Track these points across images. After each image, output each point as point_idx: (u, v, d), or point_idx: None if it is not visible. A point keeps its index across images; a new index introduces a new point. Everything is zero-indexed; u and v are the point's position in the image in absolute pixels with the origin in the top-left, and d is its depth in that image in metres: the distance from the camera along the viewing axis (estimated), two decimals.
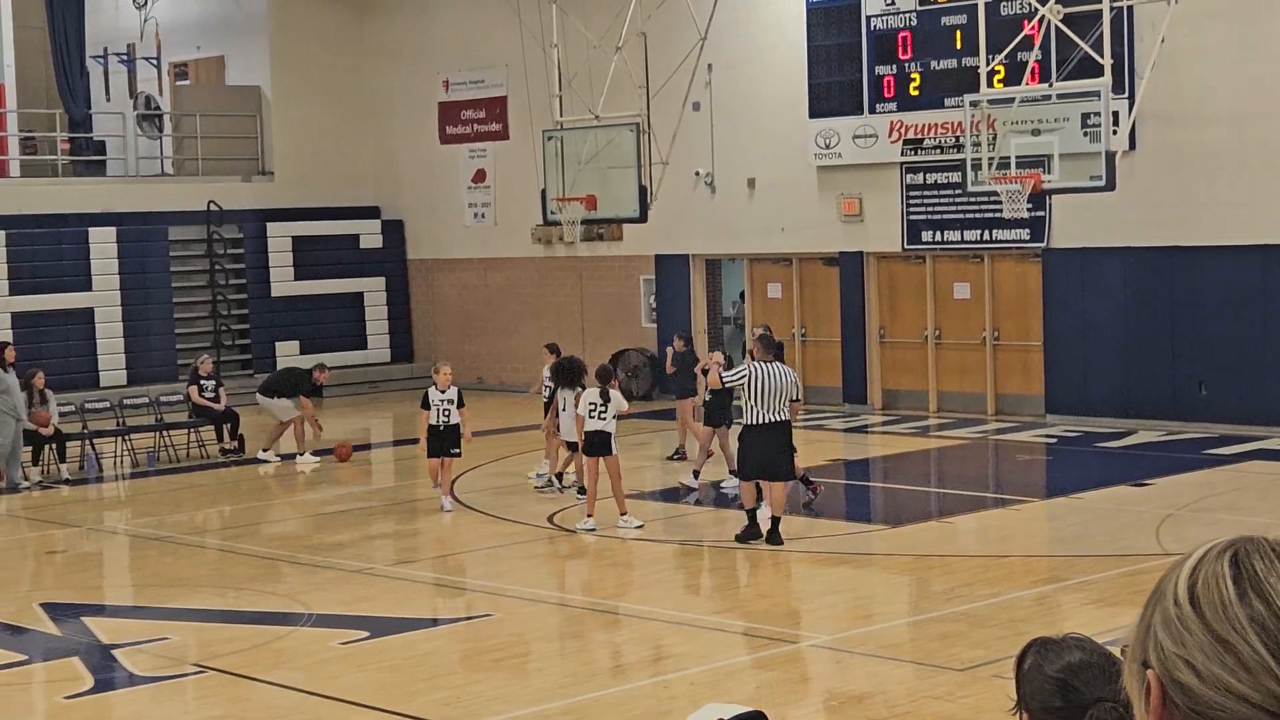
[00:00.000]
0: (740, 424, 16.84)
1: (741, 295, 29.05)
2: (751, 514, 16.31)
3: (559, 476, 19.55)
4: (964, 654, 11.89)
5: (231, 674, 12.08)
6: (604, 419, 17.10)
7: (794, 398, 16.26)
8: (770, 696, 11.31)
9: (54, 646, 13.19)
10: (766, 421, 16.01)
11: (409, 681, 11.75)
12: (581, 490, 18.54)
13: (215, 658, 12.56)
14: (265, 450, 22.94)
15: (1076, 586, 14.06)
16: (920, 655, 12.09)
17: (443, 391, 18.86)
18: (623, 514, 17.09)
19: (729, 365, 19.49)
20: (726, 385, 16.82)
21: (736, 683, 11.96)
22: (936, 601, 14.04)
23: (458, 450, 18.79)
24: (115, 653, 12.83)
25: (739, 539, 16.25)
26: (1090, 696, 3.06)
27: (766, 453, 16.07)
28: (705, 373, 19.13)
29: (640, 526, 17.01)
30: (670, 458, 21.77)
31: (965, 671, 11.43)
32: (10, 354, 21.80)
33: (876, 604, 14.27)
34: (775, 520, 16.11)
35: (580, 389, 18.16)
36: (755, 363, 16.21)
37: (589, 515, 17.02)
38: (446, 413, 18.78)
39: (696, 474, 19.43)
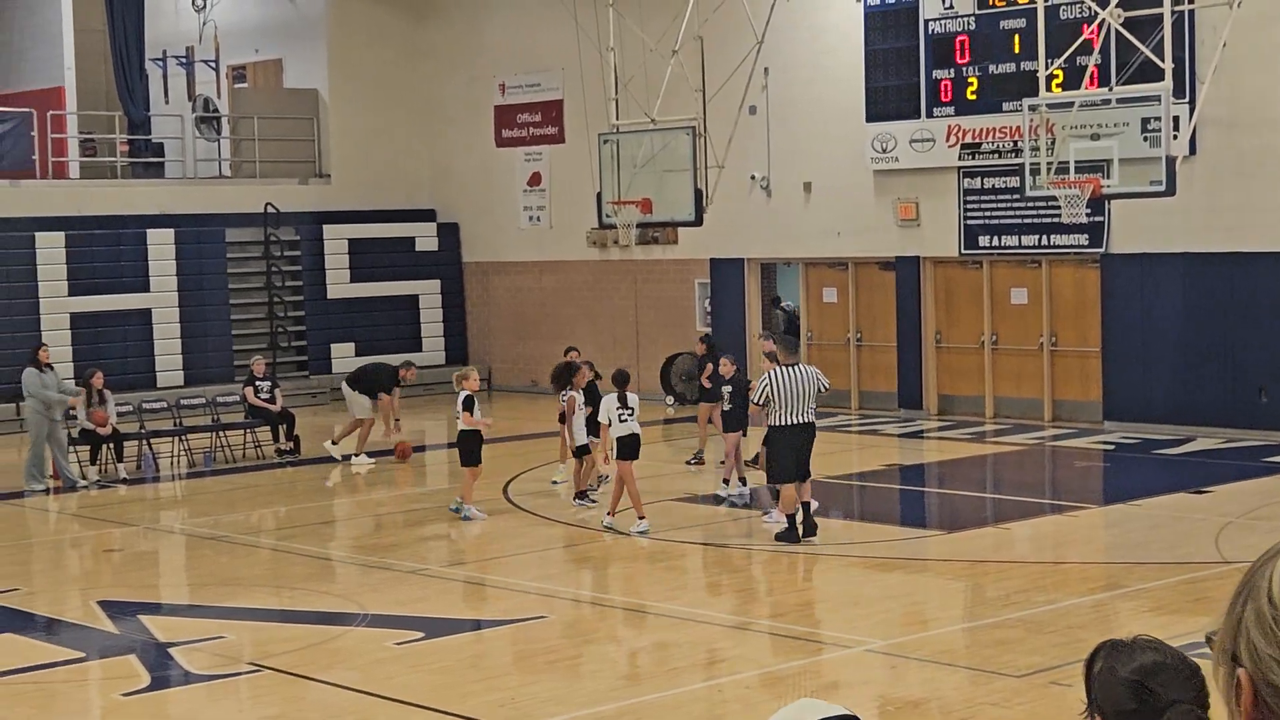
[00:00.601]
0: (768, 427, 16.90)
1: (776, 302, 29.02)
2: (791, 518, 16.48)
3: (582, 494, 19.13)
4: (1021, 660, 11.81)
5: (286, 673, 12.11)
6: (627, 422, 17.27)
7: (822, 391, 16.81)
8: (826, 700, 11.25)
9: (111, 644, 13.26)
10: (793, 423, 16.39)
11: (463, 682, 11.75)
12: (580, 496, 18.80)
13: (270, 657, 12.60)
14: (333, 442, 22.99)
15: (1134, 594, 13.94)
16: (976, 661, 12.01)
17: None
18: (609, 514, 17.31)
19: (737, 369, 19.73)
20: (760, 404, 16.68)
21: (790, 687, 11.91)
22: (993, 607, 13.94)
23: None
24: (172, 651, 12.89)
25: (779, 538, 16.47)
26: (1167, 699, 3.00)
27: (799, 454, 16.44)
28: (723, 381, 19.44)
29: (647, 530, 17.08)
30: (689, 462, 21.71)
31: (1022, 678, 11.35)
32: (44, 354, 21.91)
33: (932, 609, 14.19)
34: (805, 505, 16.42)
35: (567, 391, 18.62)
36: (777, 367, 16.48)
37: (640, 518, 17.01)
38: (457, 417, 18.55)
39: (727, 482, 19.35)
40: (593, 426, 18.49)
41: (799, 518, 16.39)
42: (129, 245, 29.44)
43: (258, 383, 24.00)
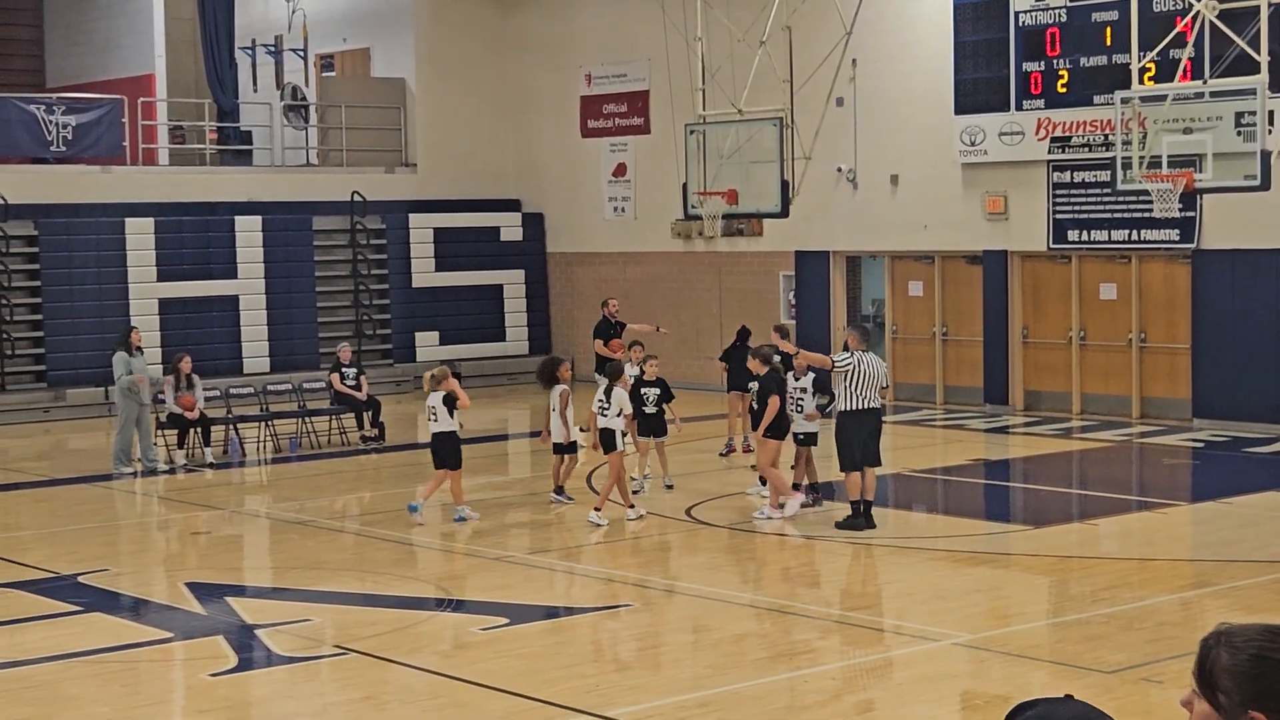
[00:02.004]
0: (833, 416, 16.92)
1: (856, 315, 28.85)
2: (855, 505, 16.67)
3: (559, 490, 18.63)
4: (1109, 657, 11.68)
5: (371, 656, 12.16)
6: (606, 415, 17.41)
7: (884, 385, 16.98)
8: (910, 693, 11.18)
9: (198, 625, 13.36)
10: (863, 408, 16.64)
11: (547, 669, 11.76)
12: (558, 490, 18.47)
13: (355, 640, 12.65)
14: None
15: (1224, 592, 13.76)
16: (1065, 657, 11.89)
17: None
18: (596, 508, 17.23)
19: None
20: (837, 367, 16.67)
21: (875, 679, 11.85)
22: (1080, 604, 13.81)
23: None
24: (258, 632, 12.97)
25: (840, 526, 16.64)
26: None
27: (865, 440, 16.70)
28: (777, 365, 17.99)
29: (604, 526, 16.99)
30: (723, 454, 21.62)
31: (1113, 674, 11.22)
32: (136, 337, 22.14)
33: (1017, 604, 14.07)
34: (869, 504, 16.65)
35: (557, 386, 18.26)
36: (855, 353, 16.70)
37: (630, 505, 17.37)
38: (434, 414, 17.75)
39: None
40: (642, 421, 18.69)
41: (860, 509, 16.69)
42: (217, 232, 29.69)
43: (343, 369, 24.13)
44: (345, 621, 13.41)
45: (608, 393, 17.52)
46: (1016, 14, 24.88)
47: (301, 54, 34.68)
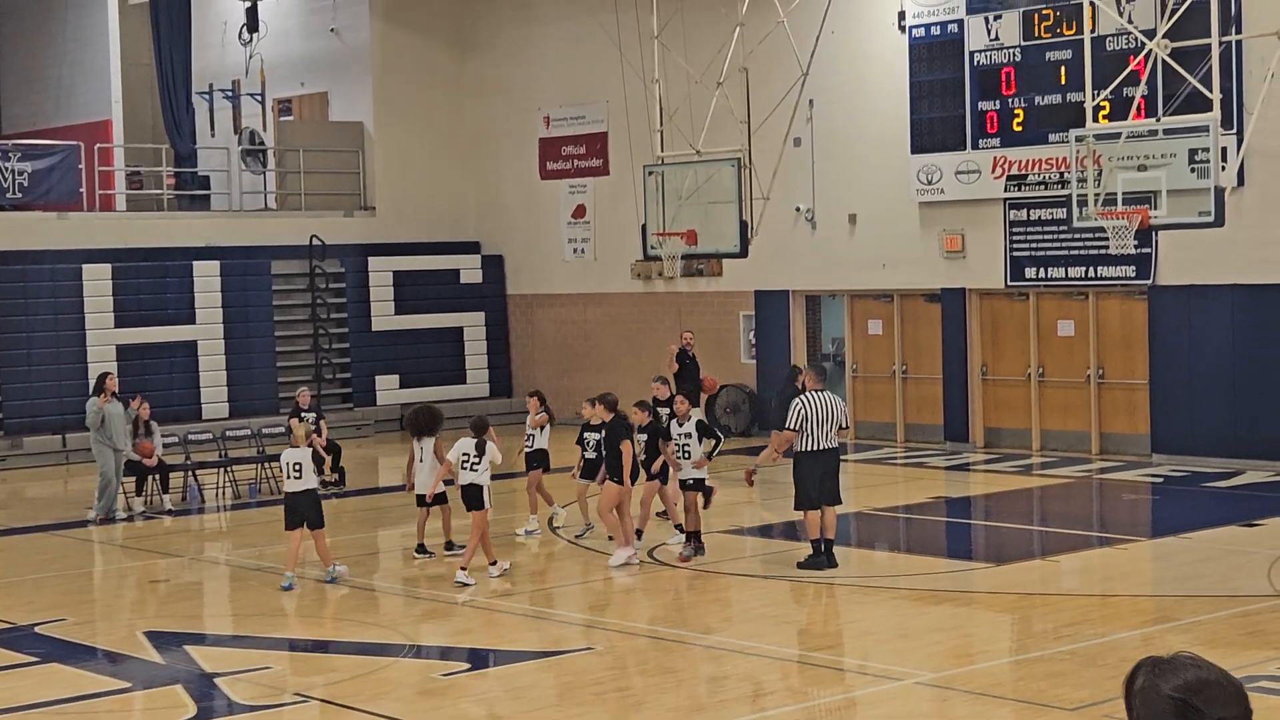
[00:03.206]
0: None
1: (819, 352, 28.92)
2: (816, 544, 16.65)
3: (420, 547, 18.07)
4: (1072, 694, 11.68)
5: (333, 703, 12.07)
6: (476, 470, 16.59)
7: (843, 425, 16.83)
8: None
9: (157, 674, 13.24)
10: (819, 449, 16.54)
11: (510, 714, 11.69)
12: (449, 546, 17.89)
13: (316, 687, 12.57)
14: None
15: (1186, 627, 13.79)
16: (1027, 694, 11.88)
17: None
18: (462, 568, 16.40)
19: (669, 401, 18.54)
20: (790, 428, 16.61)
21: (839, 719, 11.82)
22: (1042, 641, 13.82)
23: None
24: (217, 681, 12.87)
25: (801, 566, 16.62)
26: (1212, 716, 2.92)
27: (822, 479, 16.60)
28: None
29: (506, 570, 16.60)
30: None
31: (1075, 711, 11.22)
32: (111, 383, 22.01)
33: (980, 642, 14.07)
34: (829, 542, 16.62)
35: (433, 438, 17.61)
36: (807, 393, 16.71)
37: (461, 569, 16.42)
38: (298, 470, 16.71)
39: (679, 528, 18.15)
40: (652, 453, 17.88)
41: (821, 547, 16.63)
42: (175, 277, 29.60)
43: (302, 414, 24.00)
44: (306, 669, 13.32)
45: (479, 447, 16.64)
46: (971, 54, 25.04)
47: (259, 98, 34.65)
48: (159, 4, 32.37)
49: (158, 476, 22.43)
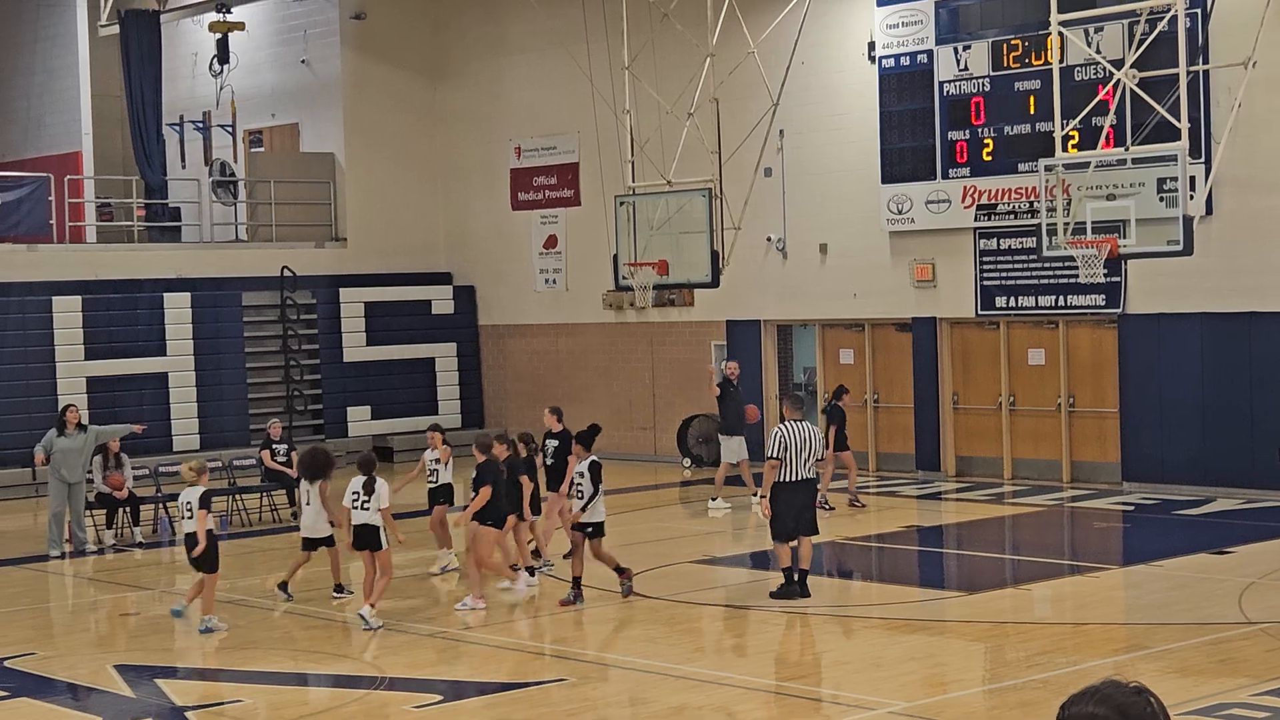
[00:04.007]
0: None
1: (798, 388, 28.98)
2: (788, 573, 16.66)
3: (283, 585, 17.63)
4: None
5: None
6: (368, 510, 16.06)
7: (819, 456, 16.89)
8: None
9: (127, 708, 13.17)
10: (798, 479, 16.57)
11: None
12: (281, 585, 17.43)
13: None
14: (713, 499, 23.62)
15: (1158, 655, 13.82)
16: None
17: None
18: (372, 605, 15.89)
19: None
20: (772, 458, 16.67)
21: None
22: (1015, 669, 13.83)
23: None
24: (188, 715, 12.81)
25: (774, 596, 16.63)
26: None
27: (800, 510, 16.64)
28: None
29: (380, 627, 15.74)
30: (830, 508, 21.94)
31: None
32: (73, 415, 21.89)
33: (953, 671, 14.07)
34: (804, 573, 16.65)
35: (324, 480, 17.14)
36: (785, 423, 16.74)
37: (369, 604, 15.97)
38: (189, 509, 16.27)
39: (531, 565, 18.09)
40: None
41: (794, 577, 16.66)
42: (145, 309, 29.52)
43: (274, 446, 23.97)
44: (277, 702, 13.26)
45: (367, 486, 16.07)
46: (941, 84, 25.16)
47: (230, 130, 34.64)
48: (129, 36, 32.36)
49: (128, 509, 22.34)
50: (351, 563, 17.97)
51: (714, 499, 23.55)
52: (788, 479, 16.57)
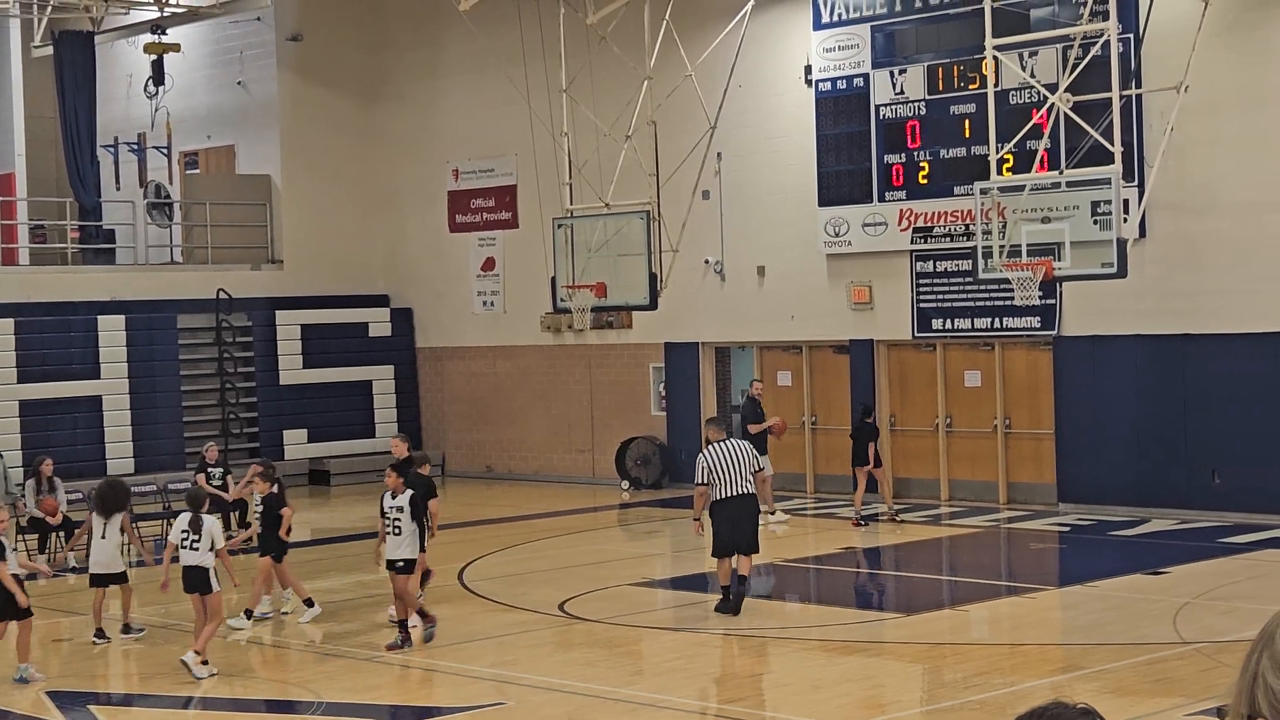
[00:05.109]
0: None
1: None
2: (726, 590, 16.80)
3: (99, 632, 16.84)
4: None
5: None
6: (197, 550, 15.20)
7: (757, 468, 17.10)
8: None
9: None
10: (730, 495, 16.73)
11: None
12: (125, 629, 16.96)
13: None
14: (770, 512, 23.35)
15: (1094, 675, 13.90)
16: None
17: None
18: (198, 652, 14.87)
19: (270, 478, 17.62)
20: (702, 482, 16.83)
21: None
22: (952, 690, 13.88)
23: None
24: None
25: (718, 610, 16.78)
26: None
27: (737, 526, 16.74)
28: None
29: (212, 676, 14.74)
30: (858, 524, 21.68)
31: None
32: None
33: (891, 693, 14.11)
34: (743, 579, 16.75)
35: (123, 514, 16.68)
36: (709, 446, 16.97)
37: (197, 653, 14.91)
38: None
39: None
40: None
41: (731, 592, 16.77)
42: (79, 332, 29.27)
43: (209, 470, 23.80)
44: None
45: (194, 525, 15.28)
46: (877, 107, 25.29)
47: (165, 151, 34.43)
48: (63, 57, 32.13)
49: (62, 534, 22.12)
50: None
51: (771, 513, 23.44)
52: (723, 495, 16.75)
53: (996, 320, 24.58)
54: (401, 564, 15.73)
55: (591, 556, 21.57)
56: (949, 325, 25.19)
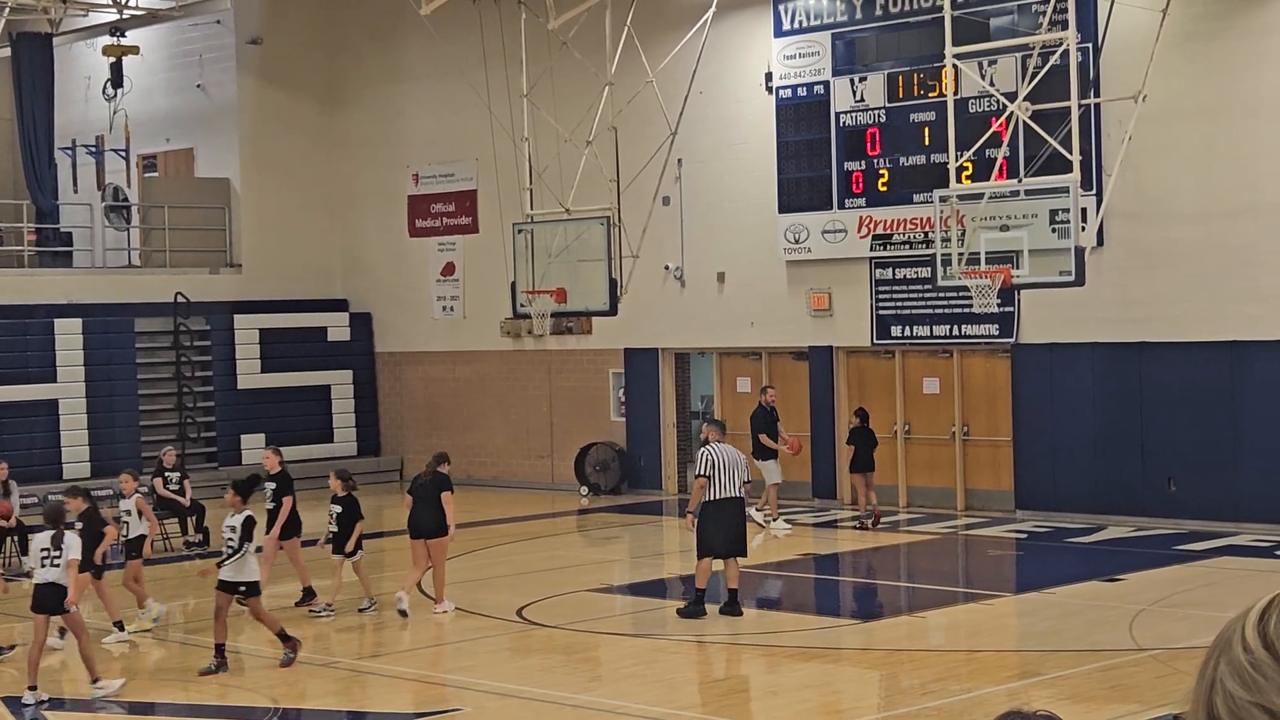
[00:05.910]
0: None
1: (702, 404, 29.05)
2: (700, 593, 16.84)
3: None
4: None
5: None
6: (58, 567, 14.28)
7: (746, 478, 17.25)
8: None
9: None
10: (727, 496, 16.82)
11: None
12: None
13: None
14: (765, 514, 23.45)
15: (1050, 682, 13.96)
16: None
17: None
18: (95, 680, 14.34)
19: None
20: (701, 475, 16.91)
21: None
22: (909, 697, 13.91)
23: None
24: None
25: (681, 614, 16.85)
26: None
27: (729, 528, 16.83)
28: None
29: (123, 683, 14.55)
30: (861, 526, 21.86)
31: None
32: None
33: (849, 699, 14.13)
34: (733, 592, 16.83)
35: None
36: (712, 444, 17.15)
37: (30, 688, 14.27)
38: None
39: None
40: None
41: (706, 598, 16.78)
42: (36, 335, 29.09)
43: (166, 474, 23.69)
44: None
45: (56, 540, 14.37)
46: (837, 115, 25.35)
47: (123, 154, 34.26)
48: (21, 58, 31.95)
49: (16, 538, 21.97)
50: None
51: (774, 520, 23.48)
52: (717, 496, 16.75)
53: (955, 327, 24.66)
54: (244, 587, 15.12)
55: (550, 562, 21.55)
56: (908, 332, 25.27)
